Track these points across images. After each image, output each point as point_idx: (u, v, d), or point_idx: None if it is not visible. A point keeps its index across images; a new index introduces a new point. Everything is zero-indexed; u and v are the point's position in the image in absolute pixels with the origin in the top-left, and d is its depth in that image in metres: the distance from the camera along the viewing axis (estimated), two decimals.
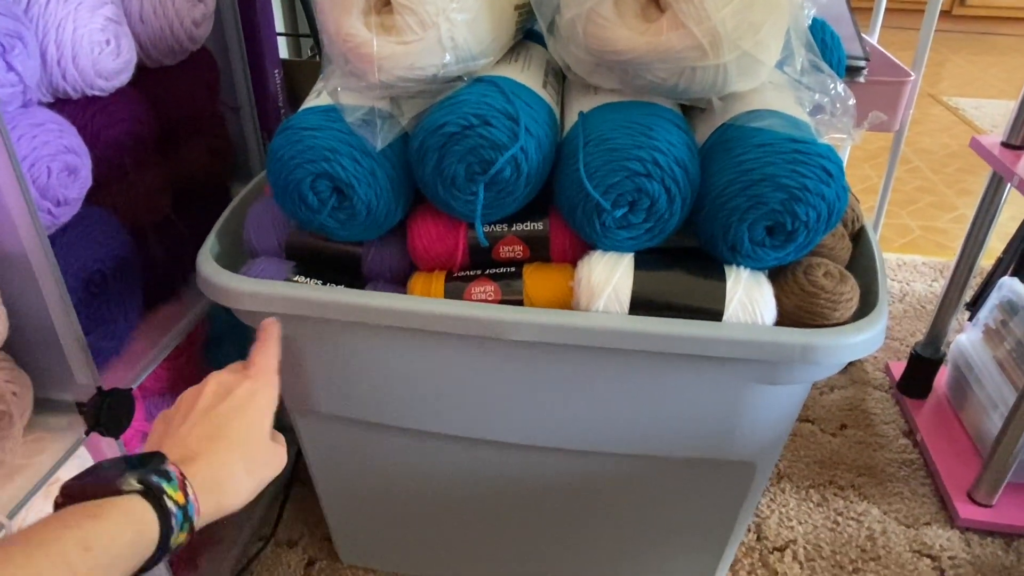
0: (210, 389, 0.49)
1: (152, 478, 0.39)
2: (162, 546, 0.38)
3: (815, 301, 0.57)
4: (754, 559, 0.95)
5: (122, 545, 0.36)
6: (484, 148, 0.55)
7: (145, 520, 0.37)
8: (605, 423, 0.66)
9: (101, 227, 0.67)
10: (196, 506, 0.41)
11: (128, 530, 0.37)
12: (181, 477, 0.40)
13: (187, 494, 0.40)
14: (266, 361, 0.53)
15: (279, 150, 0.59)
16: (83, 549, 0.34)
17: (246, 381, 0.50)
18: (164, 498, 0.38)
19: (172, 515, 0.38)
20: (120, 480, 0.38)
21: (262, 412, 0.49)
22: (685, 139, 0.57)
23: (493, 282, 0.63)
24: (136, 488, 0.38)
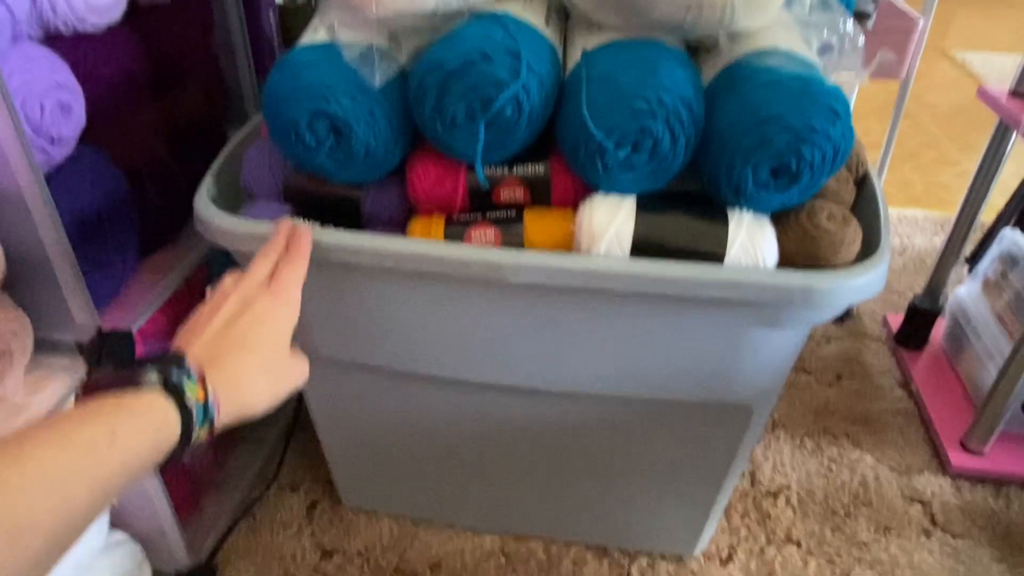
0: (233, 299, 0.48)
1: (172, 374, 0.39)
2: (183, 442, 0.39)
3: (817, 244, 0.57)
4: (747, 504, 0.97)
5: (146, 438, 0.37)
6: (485, 85, 0.54)
7: (167, 415, 0.38)
8: (605, 366, 0.66)
9: (96, 168, 0.67)
10: (216, 405, 0.41)
11: (151, 424, 0.37)
12: (201, 374, 0.41)
13: (207, 392, 0.41)
14: (291, 276, 0.52)
15: (275, 87, 0.58)
16: (108, 440, 0.35)
17: (267, 296, 0.49)
18: (185, 394, 0.39)
19: (193, 411, 0.39)
20: (141, 375, 0.38)
21: (282, 326, 0.49)
22: (691, 78, 0.56)
23: (493, 226, 0.63)
24: (156, 383, 0.38)
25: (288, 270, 0.53)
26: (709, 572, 0.88)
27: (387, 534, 0.92)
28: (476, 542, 0.91)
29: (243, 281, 0.50)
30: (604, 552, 0.90)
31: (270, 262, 0.53)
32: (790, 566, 0.89)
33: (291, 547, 0.91)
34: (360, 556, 0.90)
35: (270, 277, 0.52)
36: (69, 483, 0.33)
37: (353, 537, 0.92)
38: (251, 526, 0.93)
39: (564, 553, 0.90)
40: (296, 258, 0.54)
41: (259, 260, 0.53)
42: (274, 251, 0.54)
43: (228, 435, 0.99)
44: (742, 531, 0.93)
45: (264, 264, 0.52)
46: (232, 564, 0.89)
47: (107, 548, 0.76)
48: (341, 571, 0.88)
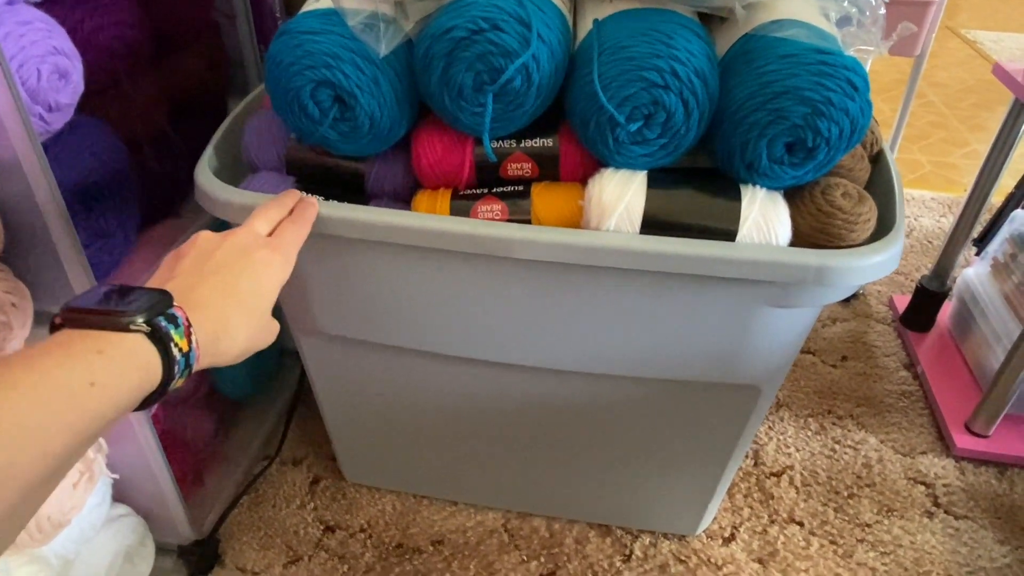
0: (230, 244, 0.47)
1: (161, 321, 0.37)
2: (160, 390, 0.37)
3: (832, 222, 0.56)
4: (751, 483, 0.96)
5: (127, 386, 0.35)
6: (493, 55, 0.53)
7: (150, 363, 0.37)
8: (613, 346, 0.65)
9: (96, 138, 0.65)
10: (197, 353, 0.40)
11: (133, 371, 0.36)
12: (187, 324, 0.39)
13: (191, 341, 0.39)
14: (293, 237, 0.51)
15: (277, 55, 0.56)
16: (88, 384, 0.33)
17: (266, 248, 0.48)
18: (170, 344, 0.37)
19: (176, 362, 0.38)
20: (128, 318, 0.36)
21: (273, 283, 0.48)
22: (706, 49, 0.54)
23: (500, 201, 0.62)
24: (144, 329, 0.37)
25: (291, 230, 0.51)
26: (711, 551, 0.88)
27: (390, 510, 0.92)
28: (479, 519, 0.91)
29: (241, 231, 0.48)
30: (607, 530, 0.90)
31: (272, 220, 0.51)
32: (792, 546, 0.89)
33: (294, 522, 0.91)
34: (363, 532, 0.90)
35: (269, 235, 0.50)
36: (47, 432, 0.32)
37: (356, 513, 0.92)
38: (254, 501, 0.93)
39: (567, 531, 0.90)
40: (301, 221, 0.53)
41: (261, 215, 0.51)
42: (276, 211, 0.52)
43: (231, 410, 0.99)
44: (745, 510, 0.93)
45: (265, 220, 0.51)
46: (235, 538, 0.89)
47: (109, 522, 0.76)
48: (343, 546, 0.88)
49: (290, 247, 0.50)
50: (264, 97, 0.75)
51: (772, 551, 0.88)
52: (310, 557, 0.87)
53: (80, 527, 0.72)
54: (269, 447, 0.99)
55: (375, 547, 0.88)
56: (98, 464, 0.72)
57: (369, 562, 0.86)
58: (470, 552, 0.88)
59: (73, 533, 0.71)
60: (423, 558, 0.87)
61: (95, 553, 0.75)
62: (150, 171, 0.73)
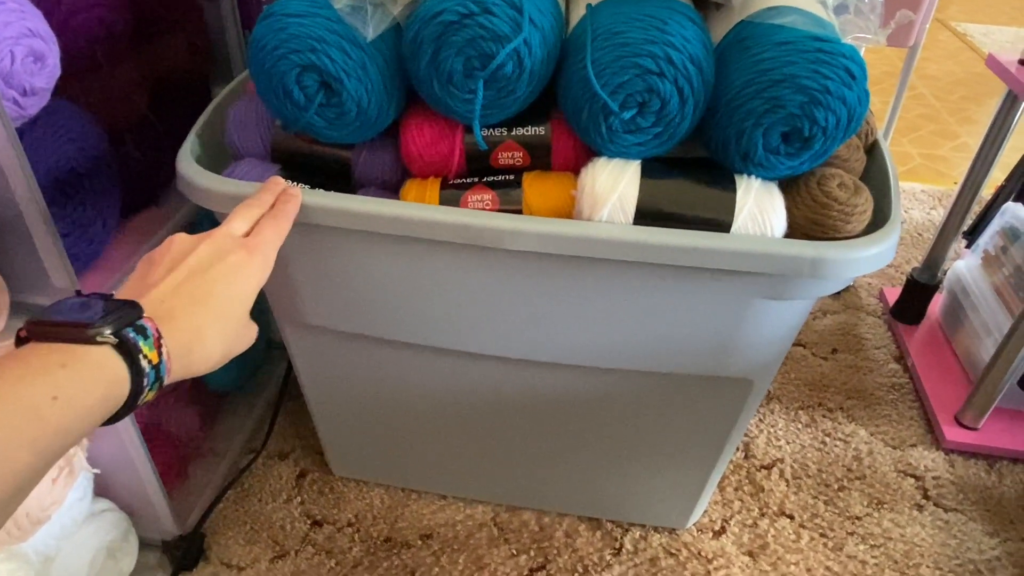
0: (205, 248, 0.45)
1: (129, 333, 0.36)
2: (130, 403, 0.36)
3: (827, 213, 0.55)
4: (741, 476, 0.96)
5: (92, 399, 0.34)
6: (484, 40, 0.51)
7: (117, 375, 0.35)
8: (604, 338, 0.64)
9: (73, 123, 0.63)
10: (168, 366, 0.39)
11: (99, 384, 0.35)
12: (157, 335, 0.38)
13: (161, 353, 0.38)
14: (272, 236, 0.49)
15: (261, 38, 0.54)
16: (52, 398, 0.32)
17: (243, 250, 0.46)
18: (139, 356, 0.36)
19: (145, 374, 0.36)
20: (94, 329, 0.35)
21: (250, 287, 0.46)
22: (701, 36, 0.53)
23: (491, 190, 0.61)
24: (111, 341, 0.35)
25: (270, 227, 0.49)
26: (702, 544, 0.87)
27: (378, 504, 0.91)
28: (468, 512, 0.90)
29: (217, 232, 0.47)
30: (597, 524, 0.89)
31: (251, 219, 0.50)
32: (783, 539, 0.88)
33: (280, 516, 0.89)
34: (350, 526, 0.89)
35: (247, 234, 0.48)
36: (10, 447, 0.31)
37: (343, 507, 0.91)
38: (239, 495, 0.92)
39: (557, 524, 0.89)
40: (281, 217, 0.51)
41: (240, 213, 0.49)
42: (257, 207, 0.51)
43: (216, 403, 0.97)
44: (735, 504, 0.92)
45: (244, 219, 0.49)
46: (220, 533, 0.87)
47: (91, 517, 0.75)
48: (331, 541, 0.87)
49: (268, 246, 0.48)
50: (249, 82, 0.73)
51: (762, 544, 0.88)
52: (297, 552, 0.86)
53: (61, 523, 0.71)
54: (255, 440, 0.97)
55: (363, 541, 0.87)
56: (78, 459, 0.71)
57: (357, 557, 0.85)
58: (459, 546, 0.87)
59: (53, 529, 0.70)
60: (412, 552, 0.86)
61: (76, 549, 0.73)
62: (131, 158, 0.71)
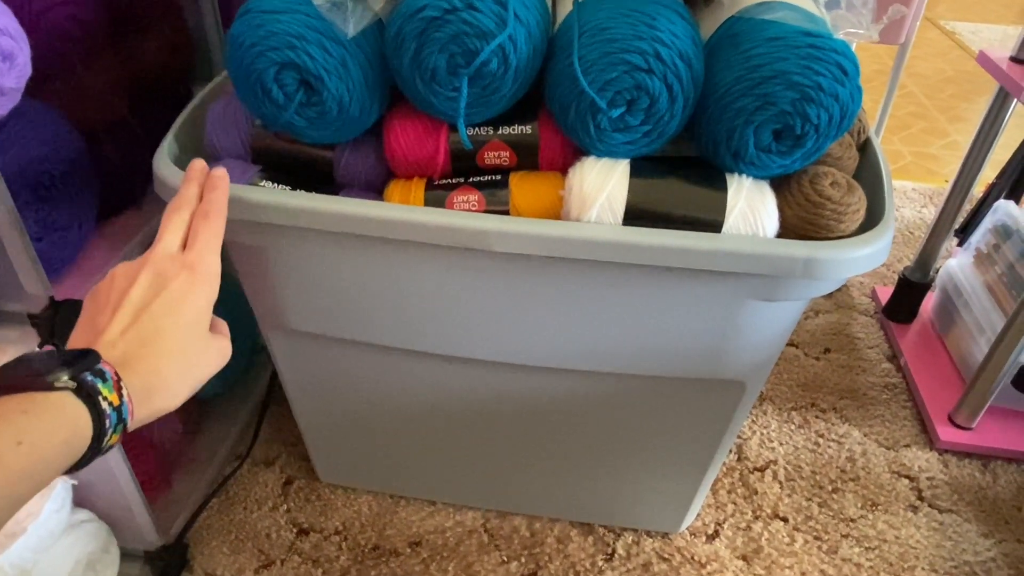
0: (144, 280, 0.43)
1: (87, 377, 0.36)
2: (94, 447, 0.36)
3: (820, 212, 0.54)
4: (734, 479, 0.95)
5: (55, 443, 0.34)
6: (468, 36, 0.50)
7: (79, 419, 0.35)
8: (594, 341, 0.63)
9: (47, 125, 0.62)
10: (130, 407, 0.38)
11: (62, 428, 0.34)
12: (116, 378, 0.38)
13: (122, 395, 0.38)
14: (209, 240, 0.46)
15: (239, 36, 0.53)
16: (15, 443, 0.32)
17: (183, 272, 0.44)
18: (99, 398, 0.36)
19: (107, 416, 0.36)
20: (52, 376, 0.35)
21: (199, 310, 0.44)
22: (690, 31, 0.52)
23: (477, 191, 0.59)
24: (69, 386, 0.35)
25: (204, 233, 0.47)
26: (695, 548, 0.86)
27: (366, 511, 0.89)
28: (458, 519, 0.89)
29: (154, 255, 0.45)
30: (589, 529, 0.88)
31: (182, 225, 0.47)
32: (777, 542, 0.87)
33: (266, 525, 0.88)
34: (338, 534, 0.87)
35: (183, 243, 0.46)
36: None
37: (330, 514, 0.89)
38: (224, 503, 0.90)
39: (548, 530, 0.88)
40: (212, 213, 0.48)
41: (170, 224, 0.47)
42: (186, 207, 0.48)
43: (199, 409, 0.95)
44: (729, 507, 0.91)
45: (176, 229, 0.46)
46: (204, 543, 0.85)
47: (70, 528, 0.73)
48: (318, 549, 0.85)
49: (208, 256, 0.46)
50: (228, 82, 0.71)
51: (756, 548, 0.87)
52: (283, 561, 0.84)
53: (38, 535, 0.69)
54: (240, 447, 0.96)
55: (350, 550, 0.85)
56: None
57: (344, 565, 0.84)
58: (449, 553, 0.85)
59: (30, 541, 0.68)
60: (400, 560, 0.84)
61: (55, 562, 0.71)
62: (108, 160, 0.69)
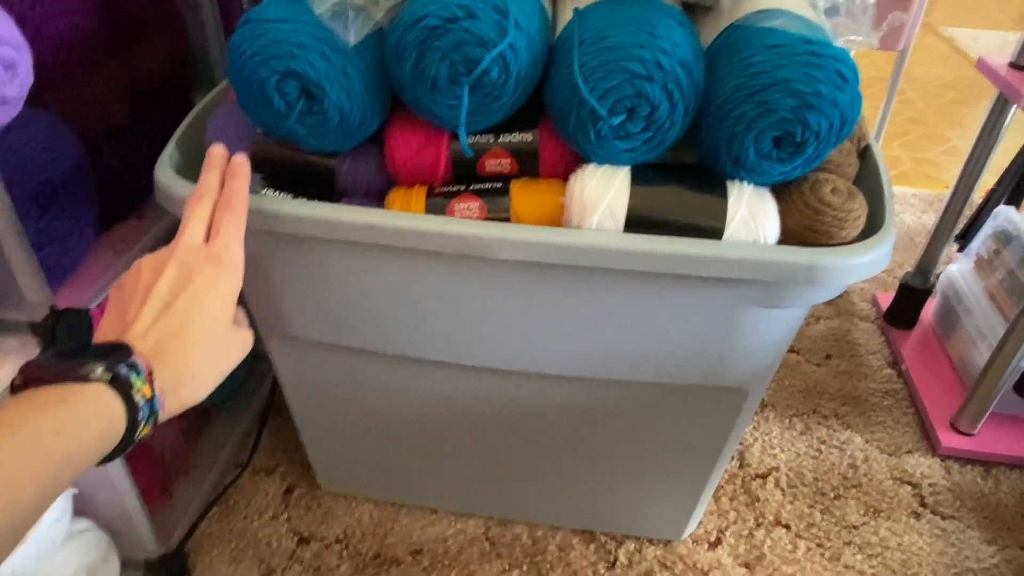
0: (171, 272, 0.44)
1: (121, 369, 0.37)
2: (127, 438, 0.37)
3: (821, 219, 0.54)
4: (736, 486, 0.95)
5: (92, 433, 0.35)
6: (469, 44, 0.50)
7: (113, 411, 0.36)
8: (596, 348, 0.63)
9: (48, 133, 0.62)
10: (162, 400, 0.39)
11: (98, 420, 0.35)
12: (149, 371, 0.39)
13: (154, 388, 0.39)
14: (233, 231, 0.47)
15: (240, 45, 0.53)
16: (54, 433, 0.33)
17: (208, 265, 0.45)
18: (132, 391, 0.37)
19: (139, 409, 0.37)
20: (87, 368, 0.36)
21: (225, 302, 0.45)
22: (690, 39, 0.52)
23: (478, 198, 0.59)
24: (104, 378, 0.36)
25: (228, 223, 0.47)
26: (697, 556, 0.86)
27: (367, 519, 0.89)
28: (459, 527, 0.89)
29: (179, 247, 0.45)
30: (591, 537, 0.88)
31: (206, 215, 0.48)
32: (779, 549, 0.87)
33: (266, 533, 0.87)
34: (339, 542, 0.87)
35: (207, 234, 0.47)
36: (15, 479, 0.31)
37: (331, 523, 0.89)
38: (224, 512, 0.90)
39: (550, 538, 0.87)
40: (235, 203, 0.49)
41: (194, 215, 0.47)
42: (208, 195, 0.49)
43: (200, 417, 0.95)
44: (731, 514, 0.91)
45: (199, 219, 0.47)
46: (204, 551, 0.85)
47: (70, 537, 0.73)
48: (318, 558, 0.85)
49: (232, 246, 0.47)
50: (230, 90, 0.72)
51: (759, 555, 0.86)
52: (284, 570, 0.84)
53: (38, 544, 0.69)
54: (240, 455, 0.95)
55: (351, 558, 0.85)
56: None
57: (345, 574, 0.83)
58: (450, 561, 0.85)
59: (30, 550, 0.68)
60: (402, 569, 0.84)
61: (55, 571, 0.71)
62: (110, 169, 0.69)
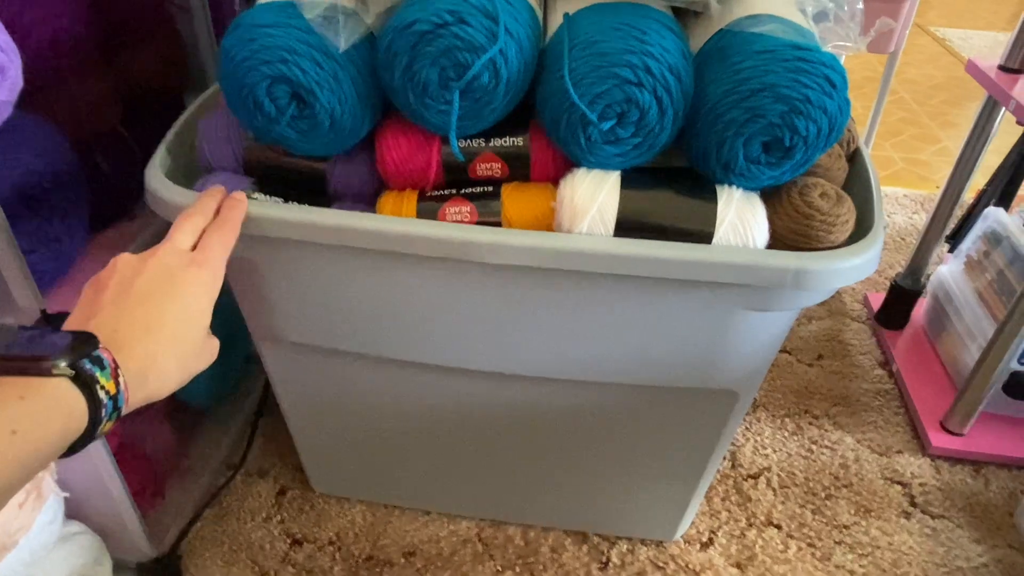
0: (151, 269, 0.44)
1: (86, 364, 0.36)
2: (88, 434, 0.36)
3: (810, 223, 0.54)
4: (728, 486, 0.95)
5: (50, 431, 0.34)
6: (459, 50, 0.50)
7: (74, 407, 0.35)
8: (586, 352, 0.63)
9: (39, 137, 0.62)
10: (126, 395, 0.38)
11: (57, 416, 0.34)
12: (114, 365, 0.38)
13: (118, 383, 0.38)
14: (219, 248, 0.48)
15: (231, 50, 0.53)
16: (9, 432, 0.32)
17: (191, 267, 0.45)
18: (96, 387, 0.36)
19: (103, 405, 0.36)
20: (50, 362, 0.35)
21: (202, 306, 0.45)
22: (680, 45, 0.52)
23: (469, 202, 0.59)
24: (67, 373, 0.35)
25: (216, 238, 0.48)
26: (689, 556, 0.86)
27: (360, 521, 0.89)
28: (452, 528, 0.89)
29: (162, 249, 0.45)
30: (584, 538, 0.88)
31: (195, 230, 0.48)
32: (770, 549, 0.88)
33: (259, 536, 0.87)
34: (332, 544, 0.87)
35: (193, 247, 0.47)
36: None
37: (324, 524, 0.89)
38: (217, 514, 0.90)
39: (543, 539, 0.88)
40: (226, 225, 0.49)
41: (182, 226, 0.48)
42: (201, 217, 0.49)
43: (192, 420, 0.95)
44: (723, 514, 0.92)
45: (188, 232, 0.48)
46: (197, 554, 0.85)
47: (62, 540, 0.72)
48: (312, 560, 0.85)
49: (216, 259, 0.47)
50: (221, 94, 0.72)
51: (750, 555, 0.87)
52: (277, 572, 0.84)
53: (30, 548, 0.68)
54: (233, 457, 0.95)
55: (344, 560, 0.85)
56: (47, 482, 0.68)
57: None
58: (443, 563, 0.85)
59: (22, 555, 0.68)
60: (395, 570, 0.84)
61: (47, 574, 0.71)
62: (100, 173, 0.69)
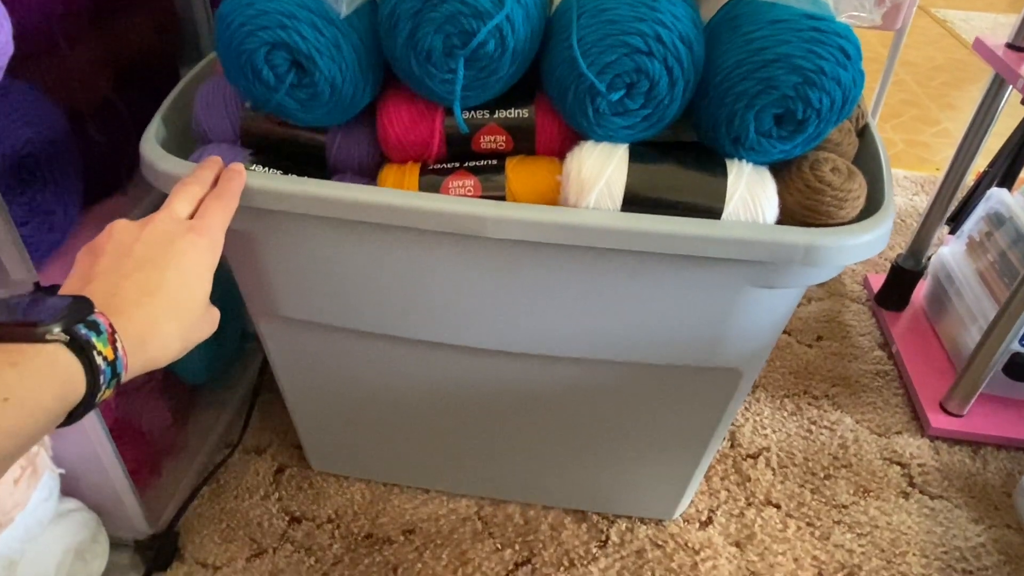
0: (149, 235, 0.42)
1: (81, 329, 0.35)
2: (87, 402, 0.35)
3: (820, 198, 0.53)
4: (727, 465, 0.95)
5: (45, 399, 0.33)
6: (464, 16, 0.49)
7: (71, 374, 0.34)
8: (591, 329, 0.62)
9: (30, 105, 0.60)
10: (125, 361, 0.37)
11: (52, 383, 0.33)
12: (111, 330, 0.36)
13: (116, 349, 0.36)
14: (218, 218, 0.46)
15: (228, 15, 0.51)
16: (2, 399, 0.31)
17: (190, 234, 0.44)
18: (93, 352, 0.35)
19: (101, 371, 0.35)
20: (43, 327, 0.33)
21: (202, 273, 0.44)
22: (691, 14, 0.51)
23: (473, 175, 0.58)
24: (62, 339, 0.34)
25: (216, 206, 0.47)
26: (689, 535, 0.86)
27: (358, 499, 0.89)
28: (451, 506, 0.88)
29: (159, 216, 0.44)
30: (583, 516, 0.88)
31: (193, 198, 0.47)
32: (770, 528, 0.88)
33: (257, 513, 0.87)
34: (330, 522, 0.86)
35: (190, 217, 0.46)
36: None
37: (323, 502, 0.88)
38: (215, 492, 0.89)
39: (542, 517, 0.88)
40: (226, 195, 0.48)
41: (180, 194, 0.47)
42: (198, 187, 0.48)
43: (189, 397, 0.94)
44: (722, 493, 0.91)
45: (186, 200, 0.47)
46: (195, 532, 0.85)
47: (58, 517, 0.72)
48: (310, 538, 0.85)
49: (216, 228, 0.46)
50: (217, 63, 0.70)
51: (749, 534, 0.87)
52: (275, 550, 0.83)
53: (25, 524, 0.68)
54: (231, 435, 0.95)
55: (343, 538, 0.85)
56: (42, 458, 0.68)
57: (337, 554, 0.83)
58: (443, 541, 0.85)
59: (17, 532, 0.67)
60: (394, 548, 0.84)
61: (43, 551, 0.70)
62: (94, 143, 0.68)
